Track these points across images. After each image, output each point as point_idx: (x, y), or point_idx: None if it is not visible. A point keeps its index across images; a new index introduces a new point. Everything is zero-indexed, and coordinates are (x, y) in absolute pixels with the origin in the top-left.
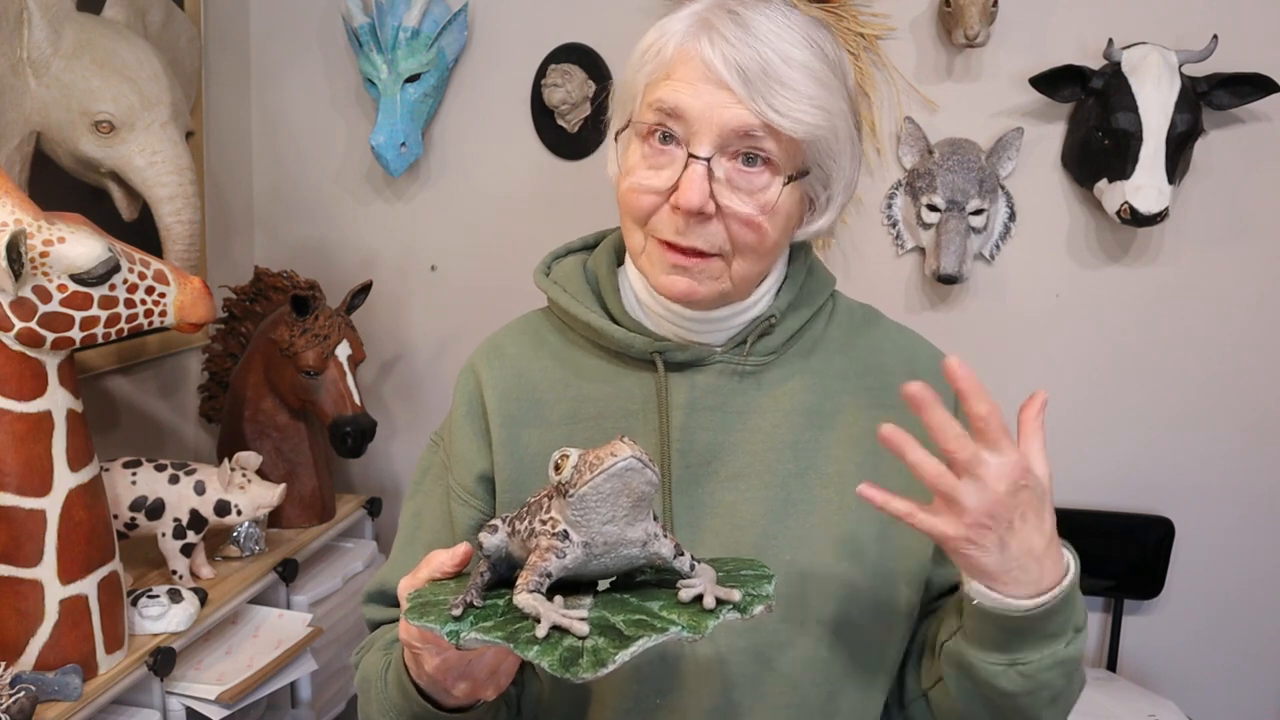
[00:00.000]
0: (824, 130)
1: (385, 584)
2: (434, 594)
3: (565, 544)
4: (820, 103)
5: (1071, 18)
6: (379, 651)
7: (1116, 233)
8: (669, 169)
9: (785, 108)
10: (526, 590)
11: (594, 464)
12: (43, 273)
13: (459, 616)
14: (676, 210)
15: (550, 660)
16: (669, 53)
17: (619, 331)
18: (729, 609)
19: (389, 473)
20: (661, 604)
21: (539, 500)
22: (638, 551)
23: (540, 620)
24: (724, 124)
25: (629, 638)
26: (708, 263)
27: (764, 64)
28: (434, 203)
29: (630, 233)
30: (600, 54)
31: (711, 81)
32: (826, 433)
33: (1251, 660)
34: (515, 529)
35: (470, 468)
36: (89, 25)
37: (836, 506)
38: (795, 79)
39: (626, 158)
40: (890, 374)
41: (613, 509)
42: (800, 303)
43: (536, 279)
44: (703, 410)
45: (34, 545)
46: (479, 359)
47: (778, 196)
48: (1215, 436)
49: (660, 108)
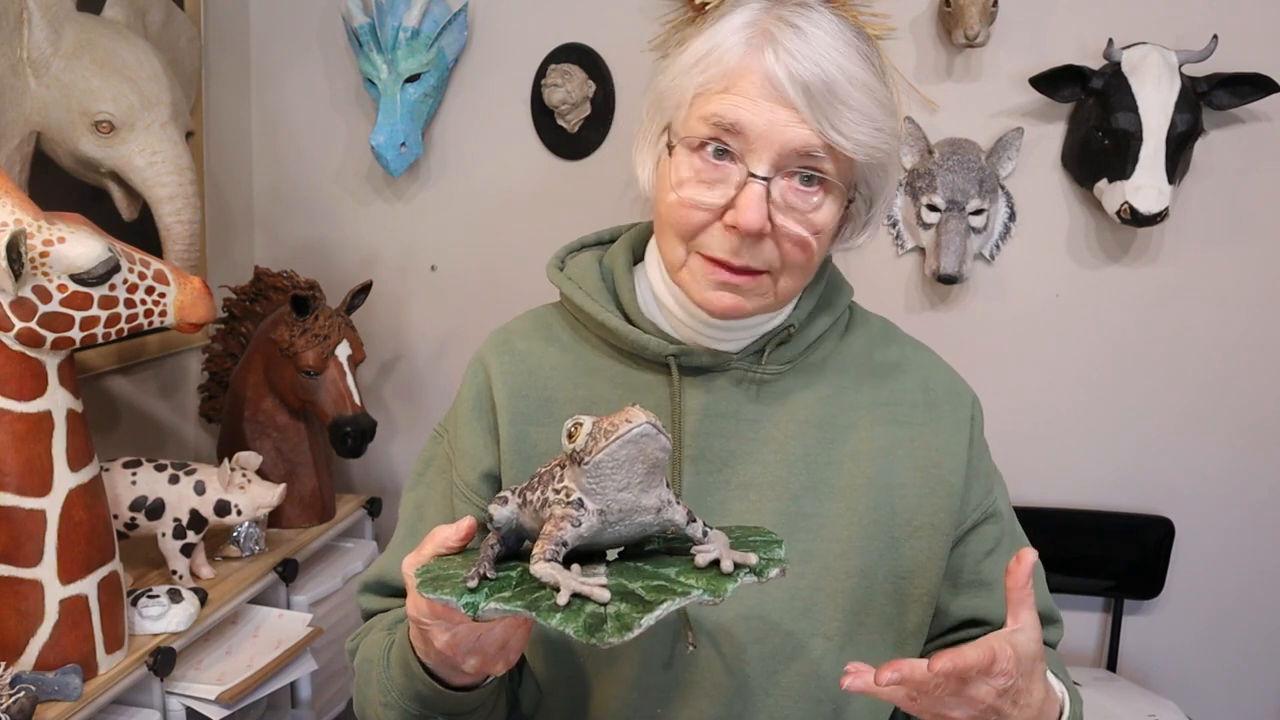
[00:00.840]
0: (883, 154)
1: (384, 574)
2: (442, 569)
3: (580, 512)
4: (880, 125)
5: (1071, 18)
6: (380, 632)
7: (1116, 233)
8: (722, 185)
9: (849, 129)
10: (544, 559)
11: (609, 431)
12: (43, 273)
13: (474, 588)
14: (731, 230)
15: (575, 627)
16: (730, 63)
17: (634, 333)
18: (745, 572)
19: (389, 473)
20: (677, 569)
21: (549, 470)
22: (651, 518)
23: (560, 589)
24: (786, 143)
25: (650, 602)
26: (757, 280)
27: (828, 82)
28: (434, 203)
29: (671, 246)
30: (600, 54)
31: (774, 98)
32: (839, 446)
33: (1251, 660)
34: (526, 500)
35: (475, 465)
36: (89, 25)
37: (846, 521)
38: (859, 100)
39: (675, 170)
40: (905, 391)
41: (628, 475)
42: (819, 313)
43: (550, 273)
44: (716, 417)
45: (34, 545)
46: (489, 352)
47: (832, 217)
48: (1215, 436)
49: (718, 122)
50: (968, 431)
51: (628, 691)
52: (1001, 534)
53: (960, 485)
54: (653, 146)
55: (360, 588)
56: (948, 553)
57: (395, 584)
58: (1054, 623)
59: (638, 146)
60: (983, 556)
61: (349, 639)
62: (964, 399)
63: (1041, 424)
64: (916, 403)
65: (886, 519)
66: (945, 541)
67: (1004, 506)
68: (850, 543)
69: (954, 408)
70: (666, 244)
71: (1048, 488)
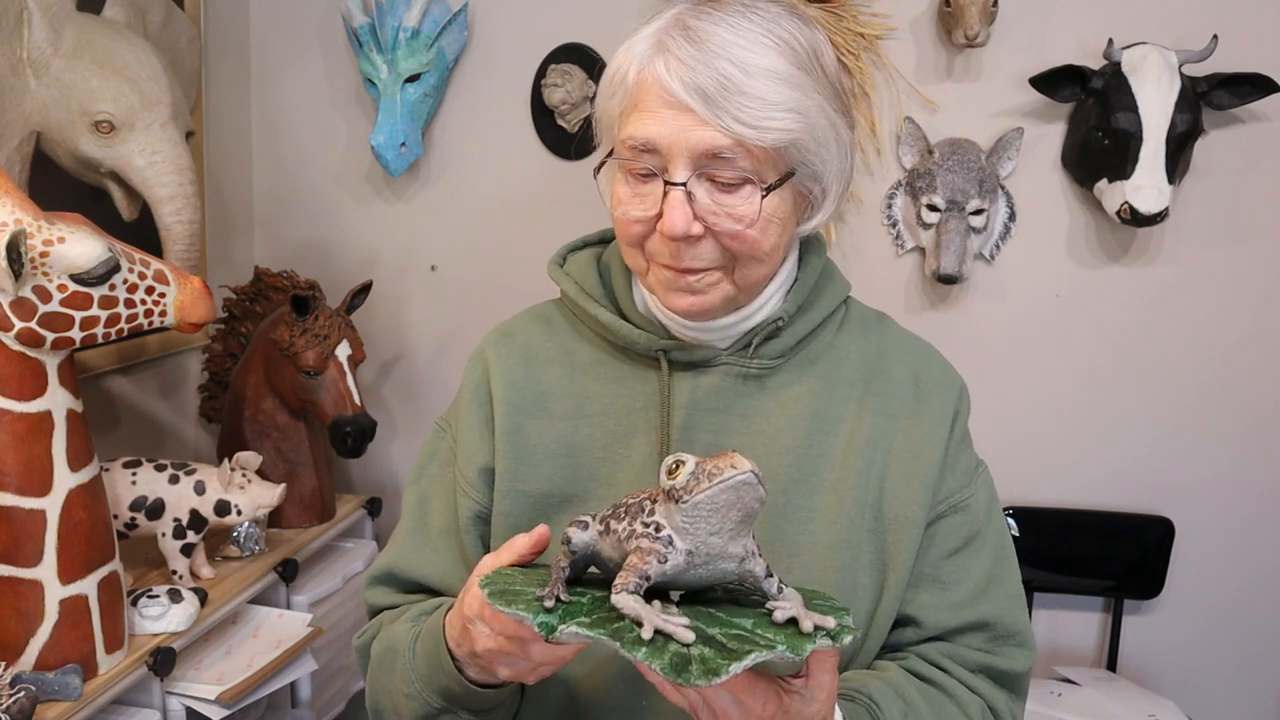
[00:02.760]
0: (797, 132)
1: (395, 567)
2: (509, 579)
3: (669, 549)
4: (790, 105)
5: (1071, 18)
6: (407, 623)
7: (1116, 233)
8: (651, 196)
9: (752, 119)
10: (626, 590)
11: (712, 474)
12: (43, 273)
13: (551, 609)
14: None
15: (660, 664)
16: (631, 80)
17: (625, 327)
18: (822, 634)
19: (389, 473)
20: (753, 622)
21: (638, 502)
22: (734, 566)
23: (643, 623)
24: (693, 147)
25: (734, 650)
26: (708, 276)
27: (722, 79)
28: (434, 203)
29: (631, 256)
30: (600, 54)
31: (673, 106)
32: (829, 439)
33: (1251, 660)
34: (609, 528)
35: (473, 459)
36: (89, 25)
37: (835, 514)
38: (757, 87)
39: (615, 188)
40: (896, 382)
41: (722, 521)
42: (810, 307)
43: (550, 270)
44: (705, 411)
45: (34, 545)
46: (488, 346)
47: (759, 207)
48: (1215, 436)
49: (634, 144)
50: (949, 423)
51: (613, 683)
52: (974, 533)
53: (935, 476)
54: (607, 168)
55: (369, 582)
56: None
57: (406, 576)
58: (1021, 646)
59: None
60: (946, 554)
61: (356, 635)
62: (951, 391)
63: (1041, 424)
64: (906, 395)
65: (872, 511)
66: (917, 533)
67: (981, 505)
68: (838, 535)
69: (940, 399)
70: (627, 255)
71: (1048, 488)
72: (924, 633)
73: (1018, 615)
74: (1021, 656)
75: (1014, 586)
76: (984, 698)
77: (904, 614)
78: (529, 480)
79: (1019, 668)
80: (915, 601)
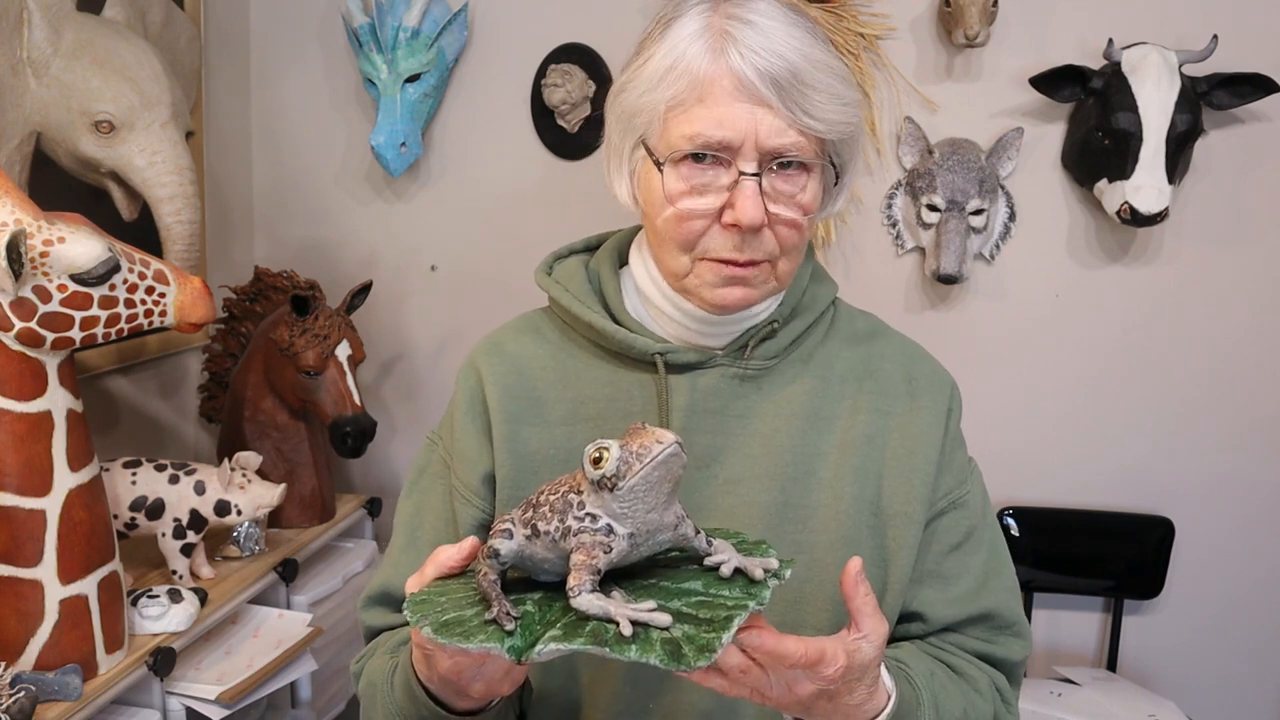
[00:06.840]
0: (852, 127)
1: (389, 587)
2: (437, 594)
3: (611, 538)
4: (846, 99)
5: (1071, 18)
6: (385, 655)
7: (1116, 233)
8: (714, 189)
9: (820, 111)
10: (584, 591)
11: (640, 454)
12: (43, 273)
13: (512, 631)
14: (731, 228)
15: (656, 656)
16: (697, 72)
17: (620, 332)
18: (770, 576)
19: (389, 473)
20: (702, 582)
21: (561, 497)
22: (669, 535)
23: (616, 620)
24: (766, 138)
25: (709, 620)
26: (760, 269)
27: (793, 70)
28: (434, 203)
29: (673, 258)
30: (600, 54)
31: (748, 98)
32: (825, 437)
33: (1251, 660)
34: (537, 530)
35: (474, 466)
36: (89, 25)
37: (833, 511)
38: (822, 80)
39: (666, 185)
40: (889, 380)
41: (656, 497)
42: (803, 308)
43: (538, 279)
44: (702, 413)
45: (34, 545)
46: (479, 356)
47: (817, 194)
48: (1215, 436)
49: (705, 142)
50: (944, 421)
51: (620, 685)
52: (971, 529)
53: (933, 473)
54: (626, 163)
55: (363, 603)
56: (919, 540)
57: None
58: (1018, 637)
59: (610, 165)
60: (947, 549)
61: (353, 661)
62: (943, 389)
63: (1041, 424)
64: (899, 393)
65: (871, 507)
66: (918, 529)
67: (976, 502)
68: (838, 533)
69: (933, 398)
70: (668, 255)
71: (1048, 488)
72: (929, 627)
73: (1015, 607)
74: (1018, 646)
75: (1010, 579)
76: (989, 677)
77: (909, 610)
78: (528, 486)
79: (1016, 657)
80: (920, 597)
